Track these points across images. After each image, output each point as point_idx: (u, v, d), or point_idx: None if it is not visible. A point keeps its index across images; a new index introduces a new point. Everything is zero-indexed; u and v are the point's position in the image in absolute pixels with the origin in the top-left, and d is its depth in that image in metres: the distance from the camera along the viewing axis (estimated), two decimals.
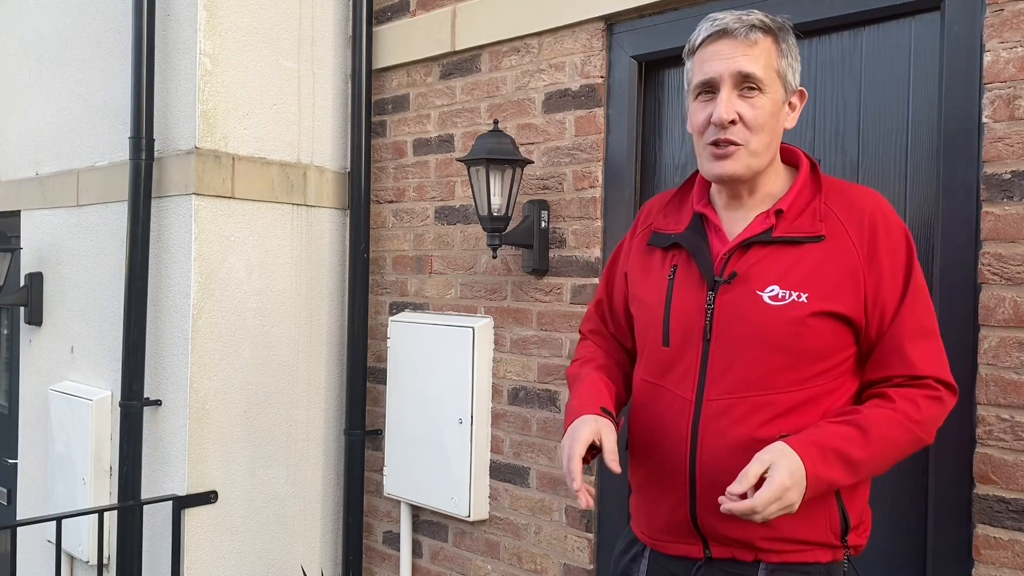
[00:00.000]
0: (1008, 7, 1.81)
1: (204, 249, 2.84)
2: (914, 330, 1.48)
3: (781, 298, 1.46)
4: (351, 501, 3.14)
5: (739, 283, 1.50)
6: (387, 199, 3.18)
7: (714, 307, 1.51)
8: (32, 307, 3.53)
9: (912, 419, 1.45)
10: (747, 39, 1.47)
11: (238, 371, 2.94)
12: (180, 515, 2.79)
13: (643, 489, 1.64)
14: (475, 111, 2.88)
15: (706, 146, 1.52)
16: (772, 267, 1.49)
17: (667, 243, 1.62)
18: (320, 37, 3.16)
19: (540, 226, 2.60)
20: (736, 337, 1.49)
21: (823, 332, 1.46)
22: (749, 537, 1.47)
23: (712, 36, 1.49)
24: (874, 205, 1.51)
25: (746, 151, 1.49)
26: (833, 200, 1.52)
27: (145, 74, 2.84)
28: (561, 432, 2.59)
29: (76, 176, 3.32)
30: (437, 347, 2.84)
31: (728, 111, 1.46)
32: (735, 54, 1.47)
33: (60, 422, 3.24)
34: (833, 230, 1.49)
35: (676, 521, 1.55)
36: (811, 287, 1.46)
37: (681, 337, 1.55)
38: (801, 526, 1.46)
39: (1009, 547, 1.78)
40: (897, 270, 1.48)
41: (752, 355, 1.47)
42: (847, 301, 1.46)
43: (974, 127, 1.86)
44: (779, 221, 1.51)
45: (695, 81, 1.52)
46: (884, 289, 1.47)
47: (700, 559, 1.54)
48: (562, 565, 2.59)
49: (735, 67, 1.47)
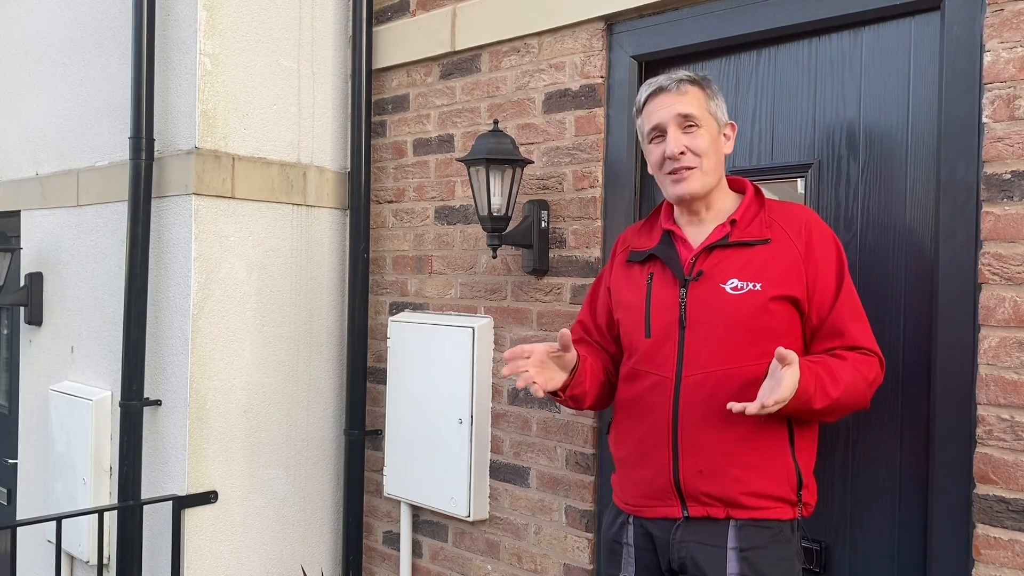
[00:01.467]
0: (1008, 7, 1.81)
1: (204, 249, 2.84)
2: (851, 313, 1.81)
3: (739, 288, 1.80)
4: (351, 501, 3.14)
5: (705, 279, 1.84)
6: (387, 199, 3.18)
7: (686, 300, 1.84)
8: (32, 307, 3.53)
9: (863, 375, 1.77)
10: (679, 90, 1.85)
11: (238, 371, 2.94)
12: (180, 515, 2.79)
13: (627, 463, 1.94)
14: (475, 111, 2.88)
15: (665, 176, 1.89)
16: (731, 265, 1.83)
17: (643, 257, 1.96)
18: (320, 37, 3.16)
19: (540, 226, 2.60)
20: (705, 322, 1.81)
21: (776, 312, 1.79)
22: (723, 491, 1.77)
23: (652, 94, 1.88)
24: (808, 216, 1.87)
25: (699, 171, 1.85)
26: (775, 213, 1.87)
27: (145, 74, 2.84)
28: (560, 432, 2.59)
29: (76, 176, 3.32)
30: (437, 347, 2.84)
31: (677, 145, 1.84)
32: (673, 103, 1.85)
33: (60, 422, 3.24)
34: (776, 234, 1.84)
35: (659, 486, 1.83)
36: (763, 278, 1.79)
37: (661, 328, 1.87)
38: (766, 480, 1.77)
39: (1009, 547, 1.78)
40: (830, 265, 1.82)
41: (719, 335, 1.79)
42: (793, 286, 1.79)
43: (974, 127, 1.86)
44: (734, 229, 1.85)
45: (646, 129, 1.90)
46: (821, 280, 1.80)
47: (679, 519, 1.82)
48: (562, 565, 2.59)
49: (675, 111, 1.85)
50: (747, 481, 1.76)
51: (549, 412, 2.63)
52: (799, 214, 1.88)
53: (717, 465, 1.77)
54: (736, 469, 1.76)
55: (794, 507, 1.80)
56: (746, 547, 1.75)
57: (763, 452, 1.78)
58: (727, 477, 1.76)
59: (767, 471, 1.77)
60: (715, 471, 1.77)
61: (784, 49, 2.25)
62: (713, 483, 1.77)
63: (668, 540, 1.82)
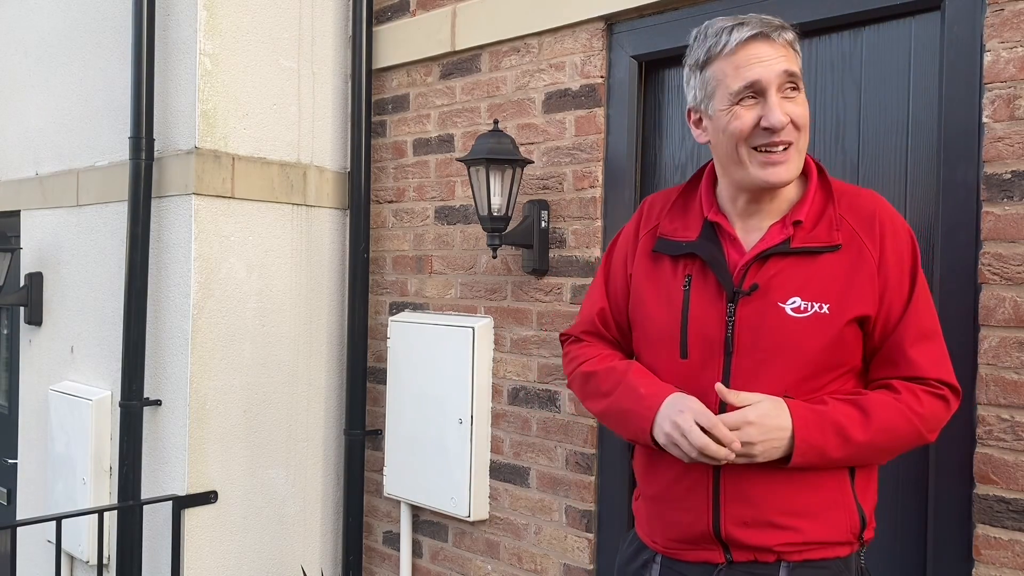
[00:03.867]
0: (1008, 7, 1.81)
1: (204, 249, 2.84)
2: (918, 333, 1.49)
3: (804, 310, 1.47)
4: (351, 501, 3.14)
5: (759, 295, 1.49)
6: (387, 199, 3.18)
7: (735, 319, 1.50)
8: (32, 307, 3.53)
9: (914, 411, 1.46)
10: (783, 41, 1.47)
11: (238, 371, 2.94)
12: (180, 515, 2.79)
13: (660, 500, 1.61)
14: (475, 111, 2.88)
15: (752, 152, 1.48)
16: (792, 278, 1.49)
17: (678, 251, 1.59)
18: (320, 37, 3.16)
19: (540, 226, 2.60)
20: (759, 349, 1.49)
21: (848, 341, 1.48)
22: (773, 542, 1.48)
23: (750, 38, 1.46)
24: (881, 210, 1.53)
25: (796, 152, 1.49)
26: (844, 206, 1.52)
27: (145, 74, 2.84)
28: (560, 432, 2.59)
29: (76, 176, 3.32)
30: (437, 347, 2.84)
31: (779, 116, 1.44)
32: (778, 57, 1.46)
33: (60, 422, 3.24)
34: (847, 237, 1.50)
35: (698, 532, 1.54)
36: (831, 297, 1.47)
37: (700, 349, 1.53)
38: (824, 530, 1.49)
39: (1009, 547, 1.78)
40: (904, 274, 1.50)
41: (777, 366, 1.48)
42: (867, 304, 1.47)
43: (974, 127, 1.85)
44: (797, 231, 1.51)
45: (735, 86, 1.46)
46: (891, 292, 1.49)
47: (720, 563, 1.53)
48: (562, 565, 2.59)
49: (780, 67, 1.45)
50: (803, 531, 1.48)
51: (549, 412, 2.62)
52: (871, 207, 1.52)
53: (766, 516, 1.48)
54: (789, 519, 1.48)
55: (853, 545, 1.53)
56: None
57: (821, 497, 1.49)
58: (778, 528, 1.47)
59: (826, 518, 1.48)
60: (763, 522, 1.48)
61: None
62: (761, 535, 1.48)
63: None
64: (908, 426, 1.47)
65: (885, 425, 1.45)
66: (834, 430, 1.43)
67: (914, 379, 1.49)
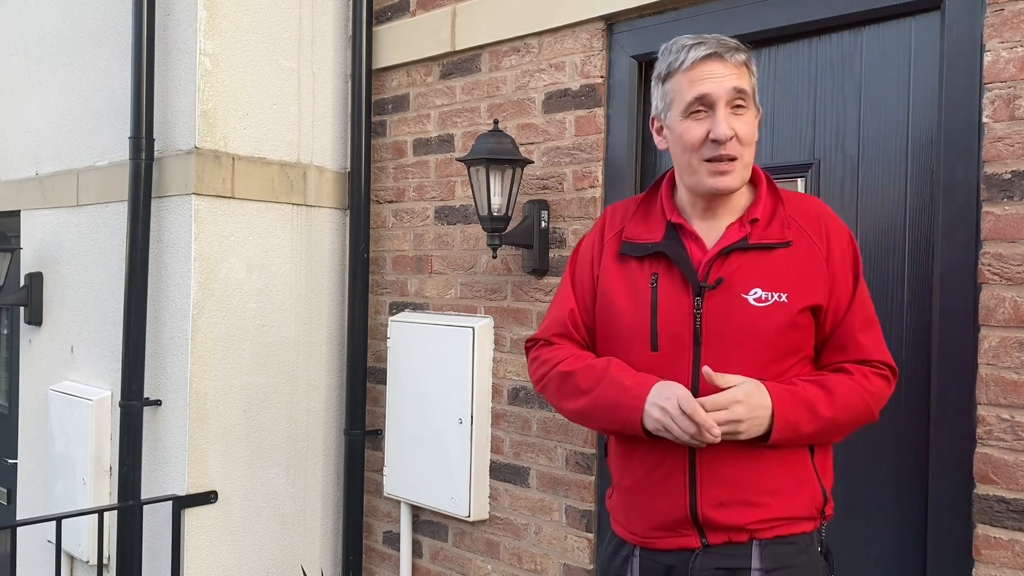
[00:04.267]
0: (1008, 7, 1.81)
1: (204, 249, 2.84)
2: (863, 321, 1.65)
3: (765, 300, 1.60)
4: (351, 501, 3.14)
5: (724, 288, 1.61)
6: (387, 199, 3.18)
7: (702, 311, 1.61)
8: (32, 307, 3.53)
9: (866, 389, 1.62)
10: (734, 60, 1.60)
11: (238, 371, 2.94)
12: (180, 515, 2.79)
13: (637, 490, 1.69)
14: (475, 111, 2.88)
15: (702, 162, 1.61)
16: (753, 272, 1.62)
17: (644, 252, 1.70)
18: (320, 37, 3.16)
19: (540, 226, 2.60)
20: (726, 337, 1.60)
21: (803, 327, 1.62)
22: (747, 520, 1.59)
23: (705, 57, 1.59)
24: (824, 212, 1.69)
25: (741, 164, 1.61)
26: (792, 209, 1.67)
27: (145, 74, 2.84)
28: (560, 432, 2.59)
29: (76, 176, 3.32)
30: (437, 347, 2.84)
31: (724, 129, 1.57)
32: (728, 74, 1.58)
33: (60, 422, 3.24)
34: (797, 235, 1.64)
35: (675, 517, 1.62)
36: (788, 287, 1.60)
37: (670, 341, 1.63)
38: (792, 506, 1.61)
39: (1009, 547, 1.78)
40: (847, 268, 1.65)
41: (742, 353, 1.59)
42: (818, 295, 1.61)
43: (974, 127, 1.86)
44: (754, 229, 1.64)
45: (688, 98, 1.59)
46: (838, 285, 1.63)
47: (696, 548, 1.62)
48: (562, 565, 2.59)
49: (729, 84, 1.58)
50: (773, 507, 1.59)
51: (549, 412, 2.62)
52: (813, 209, 1.68)
53: (741, 495, 1.59)
54: (761, 497, 1.59)
55: (817, 520, 1.66)
56: (771, 567, 1.59)
57: (789, 476, 1.61)
58: (752, 506, 1.59)
59: (794, 495, 1.61)
60: (738, 501, 1.59)
61: (784, 49, 2.25)
62: (736, 514, 1.59)
63: (686, 570, 1.62)
64: (862, 404, 1.62)
65: (845, 402, 1.60)
66: (805, 407, 1.57)
67: (862, 362, 1.64)
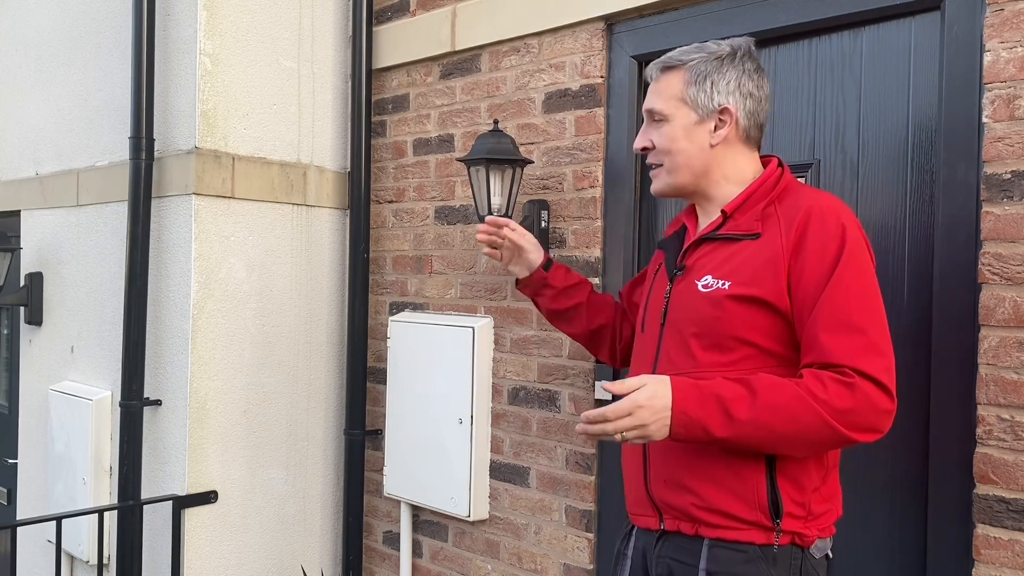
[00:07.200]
0: (1008, 7, 1.81)
1: (204, 249, 2.84)
2: (834, 321, 1.50)
3: (709, 286, 1.62)
4: (351, 501, 3.14)
5: (686, 275, 1.70)
6: (387, 199, 3.18)
7: (670, 296, 1.72)
8: (32, 307, 3.53)
9: (816, 397, 1.46)
10: (656, 80, 1.73)
11: (238, 371, 2.94)
12: (180, 515, 2.79)
13: (624, 469, 1.82)
14: (475, 111, 2.88)
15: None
16: (711, 260, 1.66)
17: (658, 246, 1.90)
18: (320, 37, 3.16)
19: (540, 226, 2.60)
20: (679, 322, 1.67)
21: (739, 314, 1.57)
22: (682, 503, 1.61)
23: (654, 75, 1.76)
24: (815, 204, 1.58)
25: (664, 171, 1.73)
26: (783, 201, 1.63)
27: (145, 74, 2.84)
28: (561, 432, 2.59)
29: (76, 176, 3.32)
30: (437, 347, 2.84)
31: (639, 141, 1.77)
32: (655, 91, 1.73)
33: (60, 422, 3.24)
34: (769, 227, 1.61)
35: (638, 494, 1.73)
36: (735, 276, 1.59)
37: (650, 324, 1.77)
38: (724, 497, 1.57)
39: (1009, 547, 1.78)
40: (824, 264, 1.53)
41: (688, 338, 1.64)
42: (765, 286, 1.56)
43: (974, 127, 1.85)
44: (726, 221, 1.68)
45: None
46: (806, 279, 1.54)
47: (657, 530, 1.68)
48: (562, 565, 2.59)
49: (649, 104, 1.74)
50: (703, 496, 1.58)
51: (549, 412, 2.63)
52: (805, 202, 1.60)
53: (677, 476, 1.62)
54: (692, 481, 1.60)
55: (769, 532, 1.55)
56: (715, 570, 1.56)
57: (725, 467, 1.57)
58: (684, 489, 1.61)
59: (727, 488, 1.57)
60: (676, 482, 1.63)
61: (784, 49, 2.25)
62: (674, 494, 1.63)
63: (653, 551, 1.68)
64: (809, 412, 1.46)
65: (773, 405, 1.47)
66: (716, 404, 1.48)
67: (825, 366, 1.49)
